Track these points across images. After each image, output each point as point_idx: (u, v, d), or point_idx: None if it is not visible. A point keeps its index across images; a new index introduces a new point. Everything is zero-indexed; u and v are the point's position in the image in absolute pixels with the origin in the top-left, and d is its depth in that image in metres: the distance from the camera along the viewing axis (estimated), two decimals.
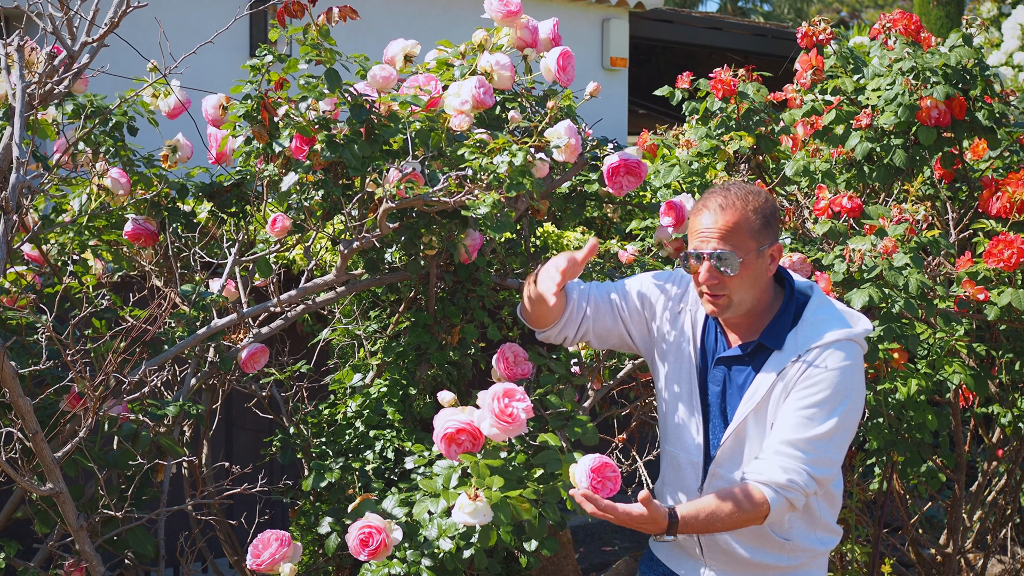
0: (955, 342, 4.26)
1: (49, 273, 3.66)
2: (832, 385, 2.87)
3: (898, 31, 4.51)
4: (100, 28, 3.01)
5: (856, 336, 2.95)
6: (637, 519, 2.78)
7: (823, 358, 2.89)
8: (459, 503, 2.83)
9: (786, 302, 3.01)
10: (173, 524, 3.86)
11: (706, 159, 4.50)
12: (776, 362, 2.94)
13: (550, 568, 3.80)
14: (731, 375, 3.03)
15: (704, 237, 2.94)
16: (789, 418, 2.87)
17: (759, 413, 2.94)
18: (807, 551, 3.04)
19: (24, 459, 2.93)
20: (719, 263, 2.91)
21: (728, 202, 2.94)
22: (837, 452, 2.91)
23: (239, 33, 9.10)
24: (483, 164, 3.20)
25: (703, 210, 2.97)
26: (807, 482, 2.85)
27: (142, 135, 3.68)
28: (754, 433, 2.95)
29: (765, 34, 13.20)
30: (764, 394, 2.93)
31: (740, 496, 2.86)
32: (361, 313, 3.90)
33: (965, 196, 4.69)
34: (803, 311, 2.99)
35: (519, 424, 2.90)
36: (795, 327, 2.96)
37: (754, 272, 2.94)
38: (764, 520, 2.87)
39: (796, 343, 2.93)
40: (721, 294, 2.94)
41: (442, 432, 2.95)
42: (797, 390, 2.89)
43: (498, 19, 3.55)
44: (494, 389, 2.92)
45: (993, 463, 4.95)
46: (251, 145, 3.40)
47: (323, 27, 3.30)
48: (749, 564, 3.02)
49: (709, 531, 2.91)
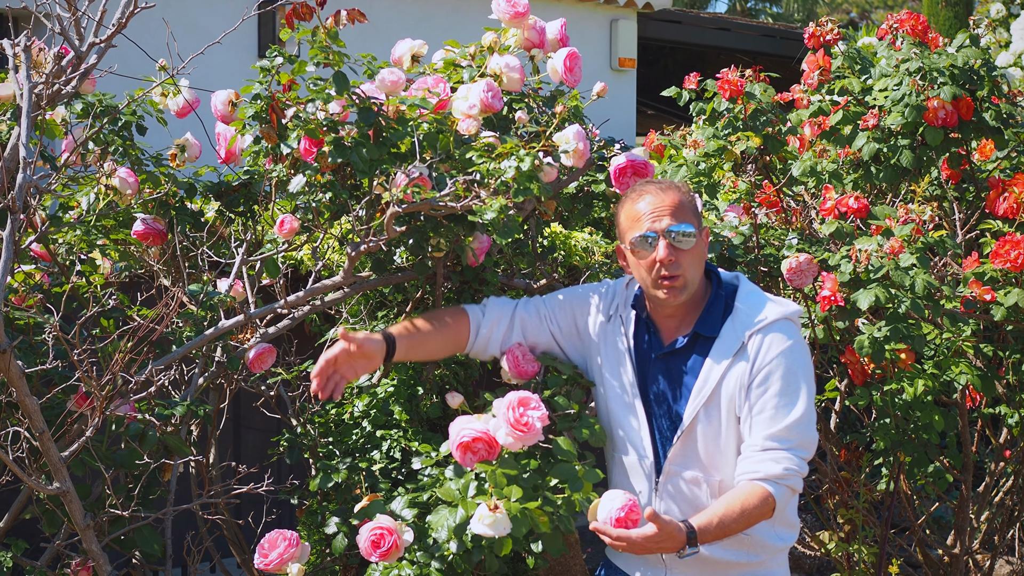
0: (962, 343, 4.26)
1: (57, 272, 3.66)
2: (786, 370, 2.94)
3: (905, 31, 4.51)
4: (108, 29, 3.02)
5: (791, 315, 3.00)
6: (653, 539, 2.77)
7: (767, 345, 2.95)
8: (479, 514, 2.82)
9: (714, 292, 3.06)
10: (180, 523, 3.87)
11: (713, 159, 4.50)
12: (719, 351, 2.98)
13: (557, 568, 3.80)
14: (671, 371, 3.05)
15: (655, 216, 2.99)
16: (760, 414, 2.93)
17: (710, 406, 2.97)
18: (766, 547, 3.05)
19: (31, 458, 2.94)
20: (676, 239, 2.96)
21: (665, 186, 3.03)
22: (812, 430, 2.98)
23: (247, 33, 9.12)
24: (490, 168, 3.20)
25: (642, 196, 3.03)
26: (799, 464, 2.92)
27: (151, 134, 3.68)
28: (705, 427, 2.98)
29: (773, 35, 13.20)
30: (714, 386, 2.96)
31: (745, 496, 2.88)
32: (368, 313, 3.90)
33: (972, 197, 4.68)
34: (734, 299, 3.04)
35: (535, 433, 2.90)
36: (729, 315, 3.01)
37: (701, 250, 3.03)
38: (773, 513, 2.91)
39: (734, 330, 2.98)
40: (677, 274, 2.98)
41: (458, 441, 2.94)
42: (756, 386, 2.93)
43: (506, 20, 3.55)
44: (509, 398, 2.92)
45: (1000, 463, 4.94)
46: (260, 145, 3.41)
47: (332, 30, 3.31)
48: (708, 562, 3.01)
49: (726, 535, 2.90)
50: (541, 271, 3.86)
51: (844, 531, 4.67)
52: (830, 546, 4.60)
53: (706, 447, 2.98)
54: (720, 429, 2.97)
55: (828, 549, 4.61)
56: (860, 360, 3.99)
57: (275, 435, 3.86)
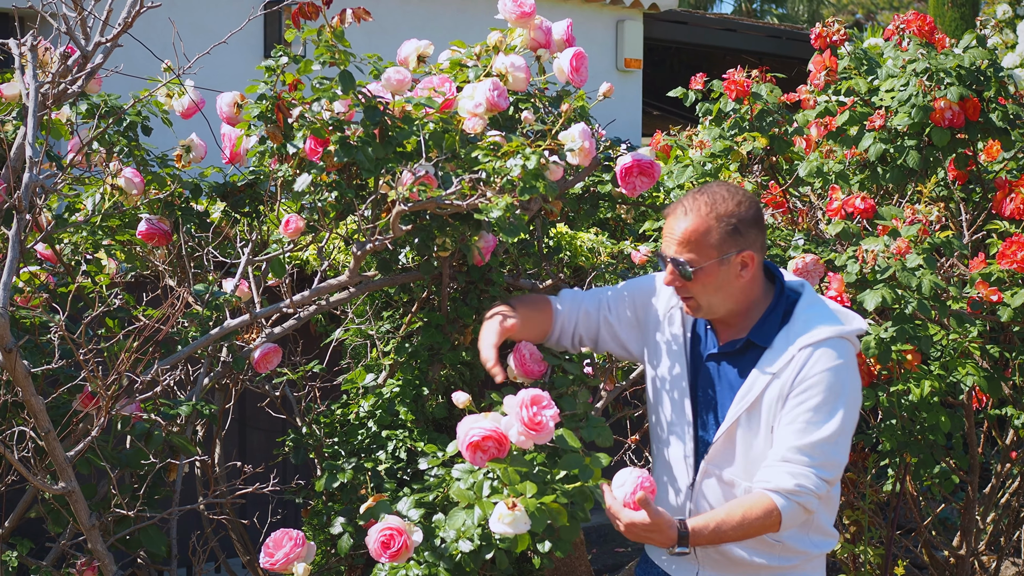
0: (968, 343, 4.25)
1: (62, 272, 3.66)
2: (827, 387, 2.87)
3: (912, 32, 4.51)
4: (114, 28, 3.02)
5: (847, 333, 2.94)
6: (641, 527, 2.78)
7: (815, 359, 2.88)
8: (498, 513, 2.79)
9: (775, 300, 3.01)
10: (185, 523, 3.87)
11: (719, 160, 4.50)
12: (768, 360, 2.93)
13: (563, 569, 3.80)
14: (721, 372, 3.03)
15: (667, 241, 2.98)
16: (790, 425, 2.87)
17: (752, 413, 2.94)
18: (800, 553, 3.02)
19: (37, 458, 2.93)
20: (677, 268, 2.94)
21: (693, 207, 2.95)
22: (841, 453, 2.91)
23: (253, 33, 9.12)
24: (496, 167, 3.20)
25: (672, 212, 3.00)
26: (817, 485, 2.85)
27: (156, 135, 3.68)
28: (746, 432, 2.95)
29: (779, 35, 13.20)
30: (758, 394, 2.93)
31: (749, 505, 2.86)
32: (374, 313, 3.90)
33: (979, 197, 4.68)
34: (793, 309, 2.99)
35: (548, 432, 2.88)
36: (786, 325, 2.96)
37: (717, 279, 2.94)
38: (780, 527, 2.86)
39: (787, 341, 2.93)
40: (688, 296, 2.98)
41: (467, 440, 2.91)
42: (793, 396, 2.88)
43: (512, 20, 3.55)
44: (521, 396, 2.89)
45: (1006, 465, 4.94)
46: (265, 145, 3.40)
47: (338, 29, 3.30)
48: (741, 564, 3.00)
49: (722, 541, 2.90)
50: (547, 271, 3.86)
51: (850, 532, 4.66)
52: (836, 547, 4.60)
53: (745, 452, 2.96)
54: (759, 436, 2.94)
55: (834, 550, 4.61)
56: (866, 361, 3.99)
57: (280, 435, 3.86)
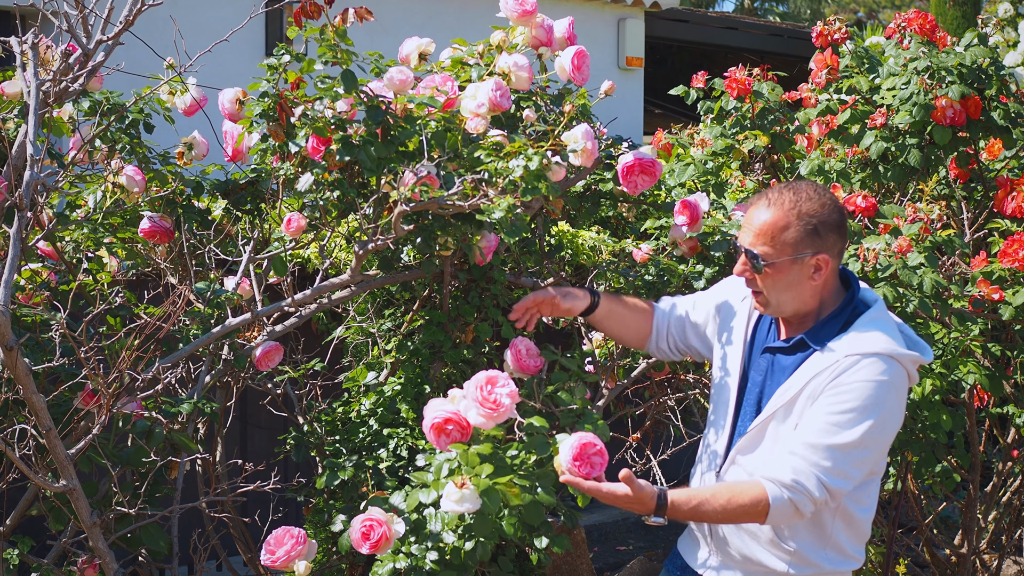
0: (970, 342, 4.25)
1: (64, 270, 3.67)
2: (862, 397, 2.79)
3: (913, 30, 4.51)
4: (115, 26, 3.02)
5: (901, 356, 2.85)
6: (623, 499, 2.78)
7: (858, 368, 2.81)
8: (446, 492, 2.80)
9: (841, 307, 2.95)
10: (187, 521, 3.87)
11: (721, 158, 4.50)
12: (815, 362, 2.88)
13: (564, 568, 3.80)
14: (774, 366, 3.00)
15: (745, 230, 2.95)
16: (811, 423, 2.81)
17: (787, 409, 2.89)
18: (812, 565, 2.95)
19: (38, 456, 2.94)
20: (750, 259, 2.91)
21: (777, 201, 2.91)
22: (855, 467, 2.82)
23: (255, 31, 9.12)
24: (499, 167, 3.20)
25: (755, 202, 2.97)
26: (817, 487, 2.77)
27: (158, 132, 3.68)
28: (777, 427, 2.91)
29: (781, 34, 13.18)
30: (795, 392, 2.88)
31: (738, 491, 2.82)
32: (375, 311, 3.90)
33: (980, 196, 4.68)
34: (856, 319, 2.92)
35: (505, 410, 2.87)
36: (844, 332, 2.90)
37: (788, 277, 2.90)
38: (765, 519, 2.81)
39: (839, 348, 2.86)
40: (758, 290, 2.95)
41: (430, 422, 2.93)
42: (827, 394, 2.82)
43: (513, 18, 3.55)
44: (477, 377, 2.90)
45: (1008, 463, 4.94)
46: (267, 143, 3.40)
47: (340, 28, 3.30)
48: (750, 563, 2.99)
49: (700, 519, 2.90)
50: (548, 269, 3.86)
51: None
52: None
53: (770, 446, 2.92)
54: (787, 433, 2.89)
55: None
56: None
57: (282, 433, 3.86)
